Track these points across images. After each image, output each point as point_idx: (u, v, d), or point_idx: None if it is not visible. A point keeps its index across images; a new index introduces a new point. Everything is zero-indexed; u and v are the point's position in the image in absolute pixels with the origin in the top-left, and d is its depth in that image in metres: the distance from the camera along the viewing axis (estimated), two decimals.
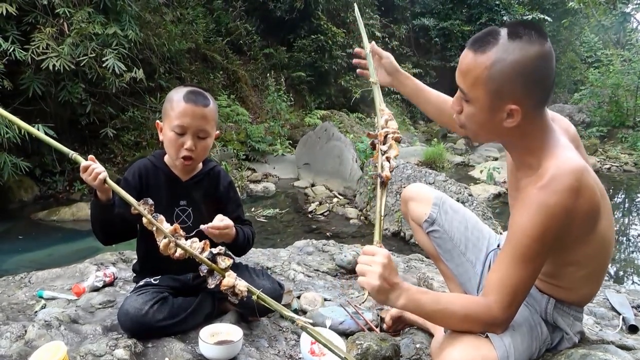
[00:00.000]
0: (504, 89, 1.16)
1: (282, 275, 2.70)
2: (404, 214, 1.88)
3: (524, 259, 1.18)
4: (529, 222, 1.16)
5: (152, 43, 8.11)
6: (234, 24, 12.49)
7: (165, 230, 1.50)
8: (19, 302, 2.15)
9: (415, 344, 1.83)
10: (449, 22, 17.69)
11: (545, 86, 1.18)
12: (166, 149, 1.82)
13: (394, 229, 5.80)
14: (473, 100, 1.22)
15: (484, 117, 1.23)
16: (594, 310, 2.26)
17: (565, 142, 1.25)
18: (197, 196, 1.90)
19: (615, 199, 9.46)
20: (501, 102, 1.18)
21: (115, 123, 7.68)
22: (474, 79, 1.19)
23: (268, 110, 11.29)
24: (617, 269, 5.40)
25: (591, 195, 1.17)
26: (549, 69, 1.17)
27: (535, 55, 1.14)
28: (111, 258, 2.73)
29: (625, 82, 13.88)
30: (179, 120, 1.72)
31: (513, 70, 1.14)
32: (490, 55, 1.16)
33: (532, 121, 1.21)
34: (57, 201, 6.70)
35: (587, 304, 1.45)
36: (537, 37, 1.15)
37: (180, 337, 1.76)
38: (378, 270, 1.20)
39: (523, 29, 1.15)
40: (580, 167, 1.17)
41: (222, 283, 1.48)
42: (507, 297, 1.19)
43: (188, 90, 1.76)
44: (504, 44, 1.15)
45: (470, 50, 1.20)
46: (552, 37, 21.12)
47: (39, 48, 5.73)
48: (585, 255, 1.28)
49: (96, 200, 1.67)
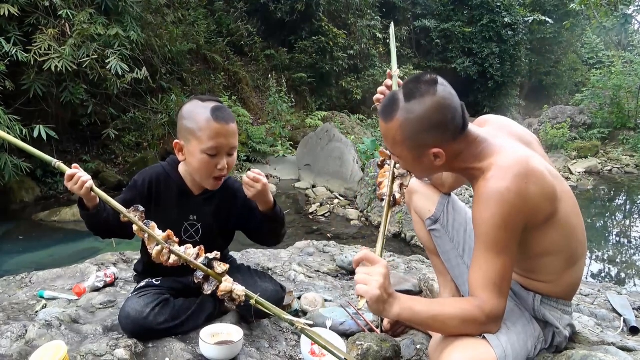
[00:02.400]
0: (419, 141, 1.29)
1: (282, 276, 2.70)
2: (407, 204, 1.91)
3: (496, 250, 1.22)
4: (487, 212, 1.22)
5: (153, 44, 8.13)
6: (235, 25, 12.52)
7: (158, 237, 1.47)
8: (20, 302, 2.15)
9: (415, 344, 1.83)
10: (450, 23, 17.71)
11: (454, 123, 1.27)
12: (194, 171, 1.73)
13: (395, 231, 5.80)
14: (401, 157, 1.37)
15: (415, 165, 1.38)
16: (595, 311, 2.26)
17: (505, 140, 1.33)
18: (208, 211, 1.85)
19: (616, 201, 9.46)
20: (422, 151, 1.31)
21: (116, 124, 7.70)
22: (392, 142, 1.33)
23: (269, 112, 11.32)
24: (618, 270, 5.40)
25: (541, 178, 1.24)
26: (448, 109, 1.26)
27: (431, 107, 1.25)
28: (112, 258, 2.73)
29: (627, 84, 13.85)
30: (214, 142, 1.63)
31: (419, 124, 1.26)
32: (397, 120, 1.28)
33: (459, 147, 1.31)
34: (58, 202, 6.73)
35: (572, 297, 1.47)
36: (427, 89, 1.26)
37: (181, 338, 1.76)
38: (380, 280, 1.22)
39: (413, 86, 1.27)
40: (523, 155, 1.26)
41: (219, 288, 1.46)
42: (494, 290, 1.22)
43: (213, 108, 1.65)
44: (403, 107, 1.28)
45: (382, 121, 1.34)
46: (554, 38, 21.19)
47: (41, 49, 5.75)
48: (554, 241, 1.32)
49: (83, 211, 1.63)
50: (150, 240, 1.48)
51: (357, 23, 14.22)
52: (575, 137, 13.41)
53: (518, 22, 17.71)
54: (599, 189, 9.90)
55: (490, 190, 1.22)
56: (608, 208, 8.71)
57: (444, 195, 1.78)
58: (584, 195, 8.94)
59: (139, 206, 1.50)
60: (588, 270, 5.13)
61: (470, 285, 1.27)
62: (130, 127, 8.17)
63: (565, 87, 24.20)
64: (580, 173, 10.78)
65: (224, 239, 1.97)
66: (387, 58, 16.58)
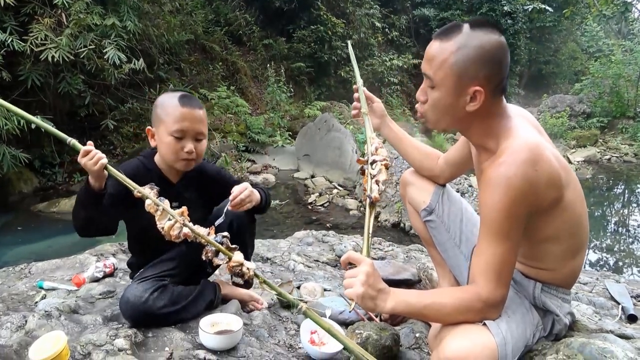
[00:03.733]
0: (468, 72, 1.24)
1: (282, 265, 2.70)
2: (402, 196, 1.91)
3: (500, 235, 1.22)
4: (494, 197, 1.21)
5: (150, 34, 8.07)
6: (233, 15, 12.42)
7: (172, 212, 1.51)
8: (19, 293, 2.15)
9: (414, 333, 1.84)
10: (450, 12, 17.57)
11: (504, 72, 1.27)
12: (163, 154, 1.81)
13: (394, 220, 5.81)
14: (439, 85, 1.29)
15: (449, 100, 1.29)
16: (594, 299, 2.27)
17: (522, 123, 1.32)
18: (189, 197, 1.90)
19: (615, 190, 9.47)
20: (465, 85, 1.25)
21: (114, 114, 7.67)
22: (440, 63, 1.27)
23: (268, 102, 11.27)
24: (616, 259, 5.42)
25: (549, 165, 1.23)
26: (506, 58, 1.26)
27: (495, 42, 1.24)
28: (111, 249, 2.73)
29: (627, 73, 13.82)
30: (178, 125, 1.72)
31: (476, 54, 1.23)
32: (455, 41, 1.25)
33: (492, 106, 1.29)
34: (56, 193, 6.70)
35: (572, 285, 1.48)
36: (495, 30, 1.25)
37: (181, 327, 1.77)
38: (362, 278, 1.23)
39: (483, 22, 1.27)
40: (534, 141, 1.24)
41: (232, 260, 1.49)
42: (493, 277, 1.22)
43: (181, 95, 1.78)
44: (466, 32, 1.25)
45: (436, 40, 1.29)
46: (553, 27, 21.07)
47: (38, 39, 5.70)
48: (558, 229, 1.32)
49: (88, 188, 1.63)
50: (162, 216, 1.51)
51: (355, 12, 14.12)
52: (574, 126, 13.39)
53: (517, 10, 17.60)
54: (597, 178, 9.92)
55: (499, 175, 1.20)
56: (607, 197, 8.73)
57: (438, 186, 1.78)
58: (583, 185, 8.77)
59: (152, 184, 1.55)
60: (586, 259, 5.15)
61: (471, 270, 1.27)
62: (128, 118, 8.15)
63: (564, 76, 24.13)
64: (579, 162, 10.80)
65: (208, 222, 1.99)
66: (386, 47, 16.52)
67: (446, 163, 1.76)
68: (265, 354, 1.68)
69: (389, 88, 15.01)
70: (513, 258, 1.25)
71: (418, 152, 1.84)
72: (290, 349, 1.80)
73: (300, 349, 1.79)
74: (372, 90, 1.73)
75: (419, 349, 1.77)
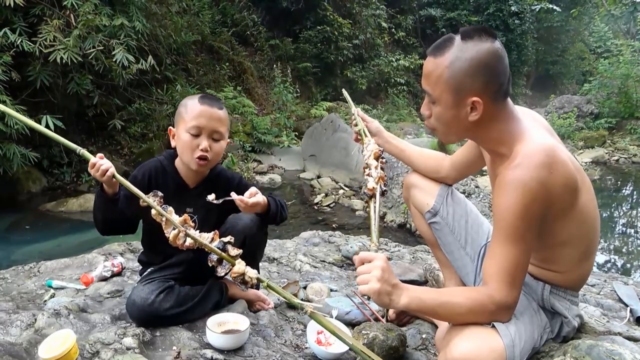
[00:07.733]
0: (463, 84, 1.25)
1: (288, 266, 2.71)
2: (405, 199, 1.91)
3: (514, 239, 1.21)
4: (510, 200, 1.21)
5: (158, 34, 8.10)
6: (239, 15, 12.45)
7: (175, 221, 1.51)
8: (29, 292, 2.17)
9: (421, 334, 1.84)
10: (456, 12, 17.54)
11: (501, 78, 1.26)
12: (181, 151, 1.81)
13: (400, 221, 5.80)
14: (438, 100, 1.31)
15: (451, 114, 1.30)
16: (601, 301, 2.26)
17: (534, 125, 1.32)
18: (203, 203, 1.84)
19: (623, 191, 9.39)
20: (463, 97, 1.26)
21: (122, 115, 7.70)
22: (436, 79, 1.28)
23: (274, 102, 11.29)
24: (624, 261, 5.38)
25: (565, 169, 1.22)
26: (501, 63, 1.26)
27: (485, 51, 1.23)
28: (119, 248, 2.75)
29: (635, 73, 13.67)
30: (195, 121, 1.74)
31: (469, 66, 1.23)
32: (448, 56, 1.26)
33: (496, 111, 1.28)
34: (64, 192, 6.74)
35: (581, 287, 1.47)
36: (487, 37, 1.25)
37: (188, 327, 1.78)
38: (378, 273, 1.23)
39: (474, 31, 1.26)
40: (550, 144, 1.24)
41: (233, 270, 1.49)
42: (506, 279, 1.21)
43: (202, 95, 1.82)
44: (458, 45, 1.25)
45: (430, 56, 1.31)
46: (561, 27, 20.96)
47: (46, 40, 5.73)
48: (572, 233, 1.32)
49: (102, 194, 1.67)
50: (167, 225, 1.51)
51: (362, 12, 14.12)
52: (582, 126, 13.29)
53: (525, 10, 17.54)
54: (605, 179, 9.84)
55: (514, 179, 1.20)
56: (615, 198, 8.66)
57: (443, 187, 1.77)
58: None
59: (157, 191, 1.55)
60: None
61: (483, 272, 1.27)
62: (135, 118, 8.17)
63: (572, 76, 23.98)
64: (587, 163, 10.72)
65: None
66: (392, 48, 16.49)
67: (453, 165, 1.76)
68: (271, 354, 1.68)
69: (395, 88, 14.99)
70: (526, 261, 1.24)
71: (422, 158, 1.85)
72: (297, 349, 1.81)
73: (306, 349, 1.80)
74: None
75: (425, 350, 1.77)
